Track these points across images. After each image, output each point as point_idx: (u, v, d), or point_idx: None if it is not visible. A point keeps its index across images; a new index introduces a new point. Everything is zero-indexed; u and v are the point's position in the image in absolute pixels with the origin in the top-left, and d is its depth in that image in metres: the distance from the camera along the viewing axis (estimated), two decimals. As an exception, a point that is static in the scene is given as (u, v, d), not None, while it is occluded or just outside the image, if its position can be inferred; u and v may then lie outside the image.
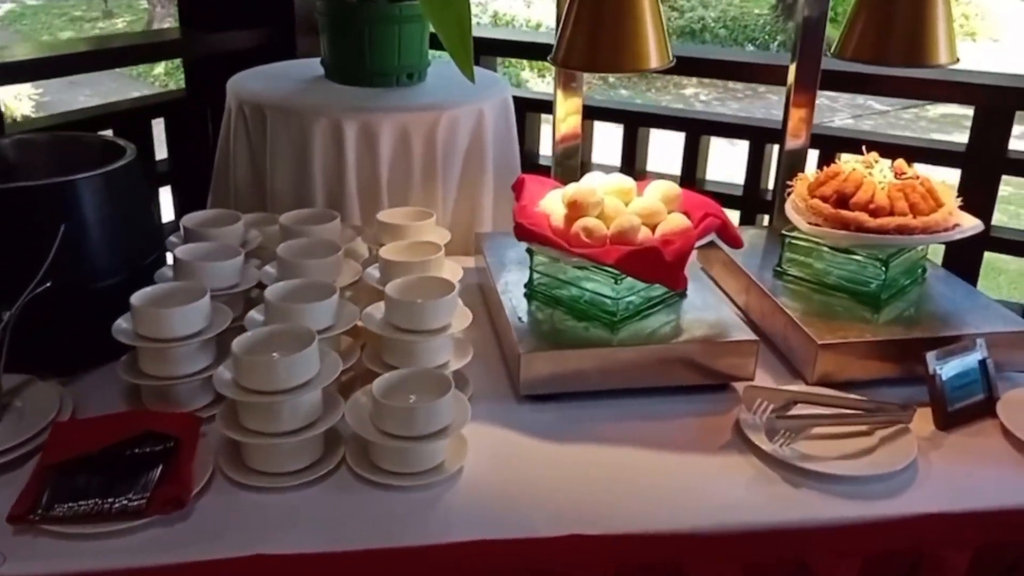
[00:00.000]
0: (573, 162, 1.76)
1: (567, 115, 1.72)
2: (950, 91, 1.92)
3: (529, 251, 1.43)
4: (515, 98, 2.07)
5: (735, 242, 1.45)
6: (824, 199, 1.48)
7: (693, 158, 2.21)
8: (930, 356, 1.29)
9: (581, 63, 1.36)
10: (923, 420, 1.28)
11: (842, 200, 1.46)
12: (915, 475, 1.16)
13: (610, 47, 1.32)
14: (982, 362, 1.33)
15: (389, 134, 1.75)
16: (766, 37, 17.64)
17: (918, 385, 1.31)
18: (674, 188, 1.45)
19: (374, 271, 1.41)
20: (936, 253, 1.97)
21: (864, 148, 1.58)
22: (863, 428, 1.24)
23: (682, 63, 1.34)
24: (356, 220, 1.76)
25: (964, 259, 1.93)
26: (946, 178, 1.90)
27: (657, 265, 1.28)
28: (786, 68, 1.71)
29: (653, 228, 1.39)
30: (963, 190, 1.91)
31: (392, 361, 1.23)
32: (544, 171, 2.38)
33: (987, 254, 1.98)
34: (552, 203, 1.45)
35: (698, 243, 1.35)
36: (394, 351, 1.23)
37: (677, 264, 1.29)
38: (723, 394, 1.35)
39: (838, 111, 13.28)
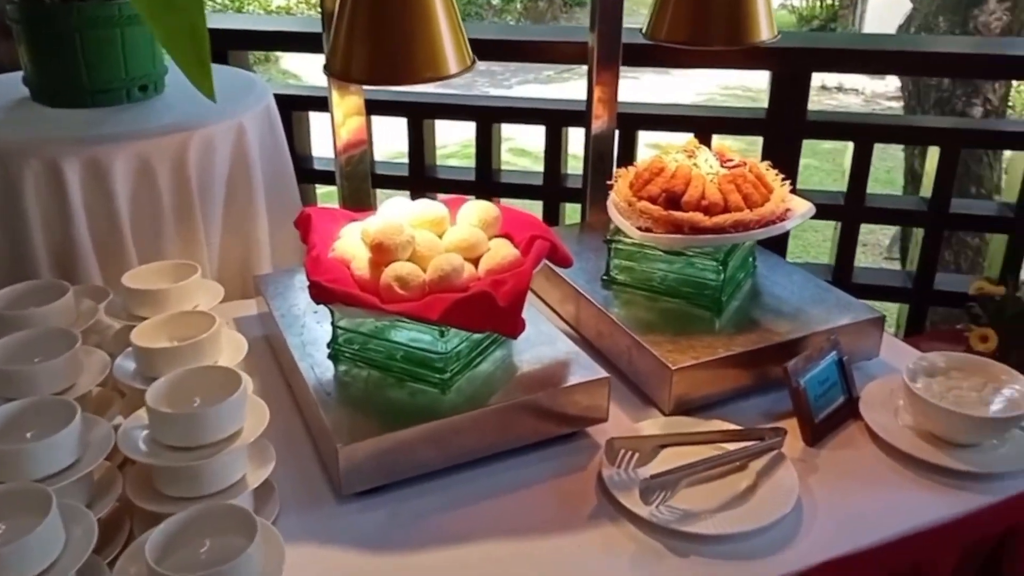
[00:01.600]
0: (362, 169, 1.50)
1: (347, 117, 1.46)
2: (747, 58, 1.84)
3: (328, 304, 1.17)
4: (275, 98, 1.76)
5: (566, 262, 1.26)
6: (652, 199, 1.32)
7: (487, 148, 2.01)
8: (791, 367, 1.17)
9: (365, 75, 1.10)
10: (793, 436, 1.17)
11: (672, 199, 1.31)
12: (800, 519, 1.04)
13: (399, 54, 1.07)
14: (839, 361, 1.24)
15: (125, 168, 1.40)
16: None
17: (776, 390, 1.22)
18: (492, 210, 1.24)
19: (127, 362, 1.10)
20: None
21: (687, 142, 1.44)
22: (737, 463, 1.11)
23: (476, 47, 1.13)
24: (97, 280, 1.40)
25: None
26: (750, 146, 1.82)
27: (491, 313, 1.07)
28: (586, 45, 1.54)
29: (476, 261, 1.17)
30: (767, 156, 1.84)
31: (169, 490, 0.94)
32: (323, 178, 2.09)
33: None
34: (350, 244, 1.19)
35: (532, 274, 1.15)
36: (169, 479, 0.94)
37: (513, 309, 1.08)
38: (577, 442, 1.18)
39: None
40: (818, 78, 13.84)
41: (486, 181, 2.01)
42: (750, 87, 13.26)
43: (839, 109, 11.92)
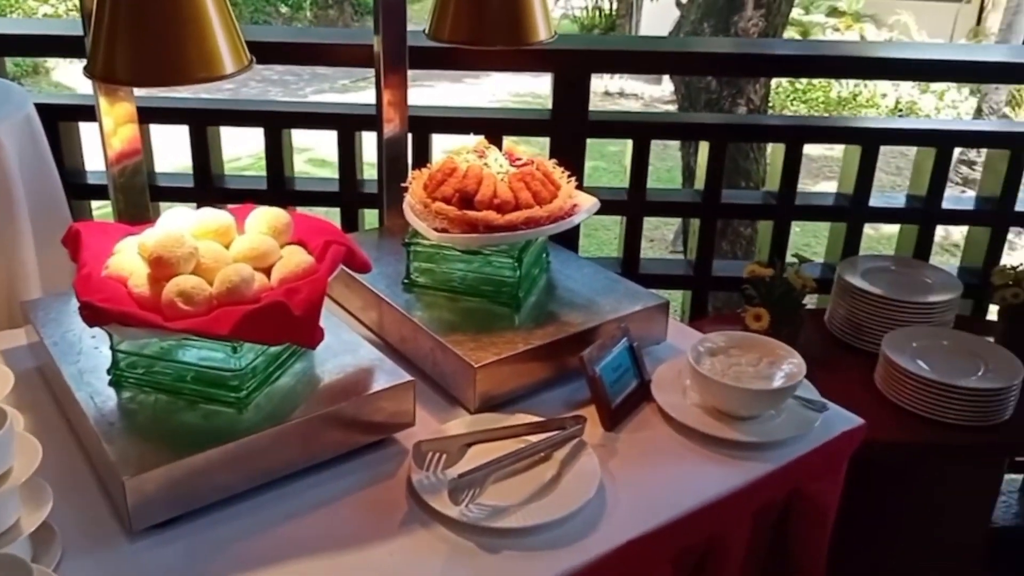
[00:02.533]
0: (139, 181, 1.41)
1: (118, 126, 1.36)
2: (530, 61, 1.89)
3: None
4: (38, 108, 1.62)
5: (364, 267, 1.24)
6: (446, 200, 1.33)
7: (278, 155, 1.94)
8: (587, 356, 1.22)
9: (130, 76, 1.03)
10: (593, 423, 1.21)
11: (465, 199, 1.33)
12: (604, 502, 1.08)
13: (168, 53, 1.01)
14: (630, 347, 1.30)
15: None
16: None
17: (575, 380, 1.26)
18: (282, 216, 1.19)
19: None
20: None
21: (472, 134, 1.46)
22: (541, 454, 1.14)
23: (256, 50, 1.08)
24: None
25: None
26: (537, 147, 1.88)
27: (286, 323, 1.03)
28: (371, 48, 1.53)
29: (267, 270, 1.13)
30: (554, 156, 1.90)
31: (-73, 547, 0.84)
32: (100, 193, 1.95)
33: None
34: (127, 260, 1.11)
35: (328, 280, 1.13)
36: (-73, 534, 0.84)
37: (310, 318, 1.05)
38: (386, 449, 1.16)
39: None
40: (600, 84, 14.56)
41: (279, 189, 1.95)
42: (539, 94, 13.71)
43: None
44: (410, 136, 1.65)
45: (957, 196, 2.18)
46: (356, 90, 12.29)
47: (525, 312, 1.36)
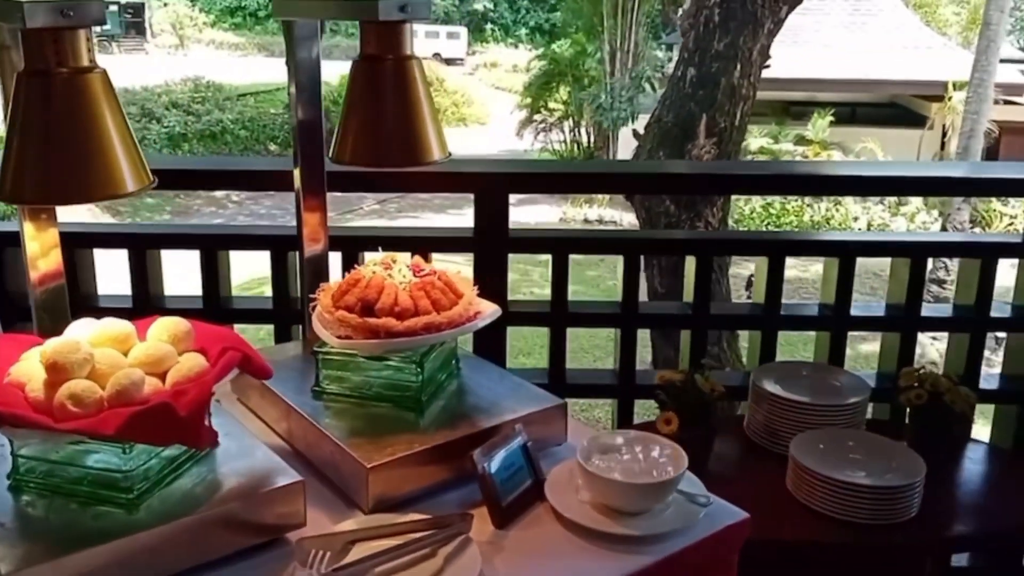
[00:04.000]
0: (62, 305, 1.47)
1: (44, 252, 1.44)
2: (452, 182, 2.01)
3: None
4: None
5: (262, 373, 1.30)
6: (349, 309, 1.40)
7: (213, 277, 2.03)
8: (476, 454, 1.26)
9: (32, 195, 1.12)
10: (484, 521, 1.25)
11: (367, 307, 1.40)
12: (484, 590, 1.11)
13: (70, 173, 1.10)
14: (524, 447, 1.34)
15: None
16: (287, 135, 18.15)
17: (474, 481, 1.29)
18: (182, 324, 1.26)
19: None
20: (467, 341, 2.04)
21: (380, 248, 1.55)
22: (426, 551, 1.16)
23: (175, 177, 1.18)
24: None
25: (490, 340, 2.02)
26: (462, 263, 1.97)
27: (171, 424, 1.08)
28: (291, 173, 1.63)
29: (163, 376, 1.18)
30: (478, 271, 1.99)
31: None
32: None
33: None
34: (28, 367, 1.17)
35: (217, 385, 1.18)
36: None
37: (194, 418, 1.10)
38: (278, 550, 1.18)
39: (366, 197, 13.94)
40: (580, 213, 14.94)
41: (214, 307, 2.02)
42: (521, 222, 14.14)
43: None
44: (340, 255, 1.74)
45: (934, 306, 2.29)
46: (343, 221, 12.61)
47: (429, 416, 1.41)
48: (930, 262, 2.08)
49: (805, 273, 11.12)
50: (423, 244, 1.98)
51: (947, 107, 15.71)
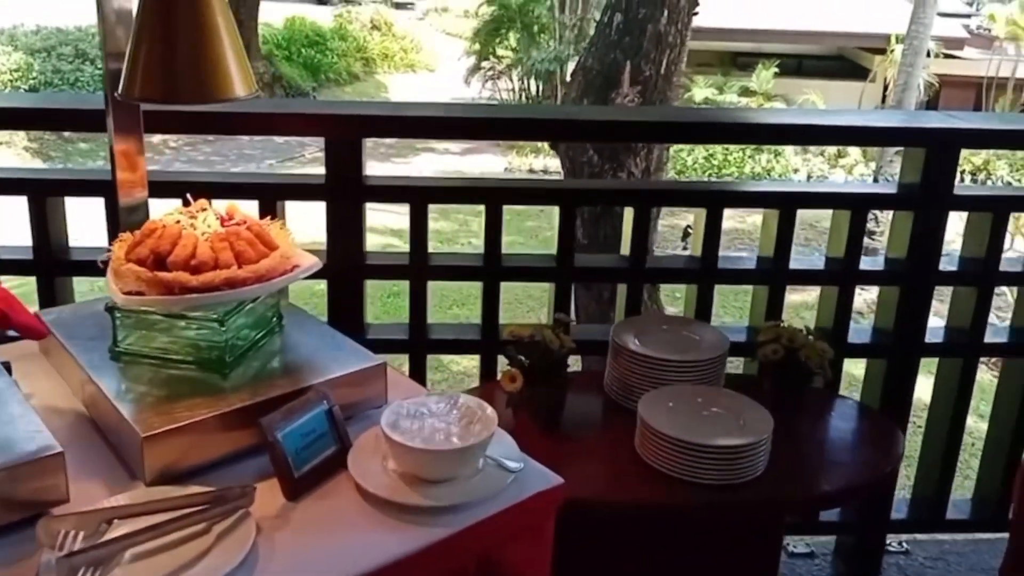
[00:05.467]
0: None
1: None
2: (301, 124, 1.88)
3: None
4: None
5: (33, 332, 1.18)
6: (141, 262, 1.28)
7: (43, 227, 1.87)
8: (266, 422, 1.16)
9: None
10: (276, 493, 1.15)
11: (160, 260, 1.28)
12: (255, 566, 1.02)
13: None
14: (328, 412, 1.25)
15: None
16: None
17: (274, 451, 1.20)
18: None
19: None
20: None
21: (191, 196, 1.42)
22: (200, 528, 1.07)
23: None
24: None
25: (344, 295, 1.92)
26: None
27: None
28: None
29: None
30: (332, 221, 1.88)
31: None
32: None
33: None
34: None
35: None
36: None
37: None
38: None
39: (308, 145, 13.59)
40: (527, 163, 14.81)
41: (44, 259, 1.88)
42: (466, 172, 13.92)
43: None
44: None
45: (872, 259, 2.20)
46: (283, 169, 12.29)
47: (234, 379, 1.31)
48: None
49: (743, 224, 11.16)
50: (268, 192, 1.86)
51: (889, 60, 15.77)
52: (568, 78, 8.21)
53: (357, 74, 20.56)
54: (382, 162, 14.01)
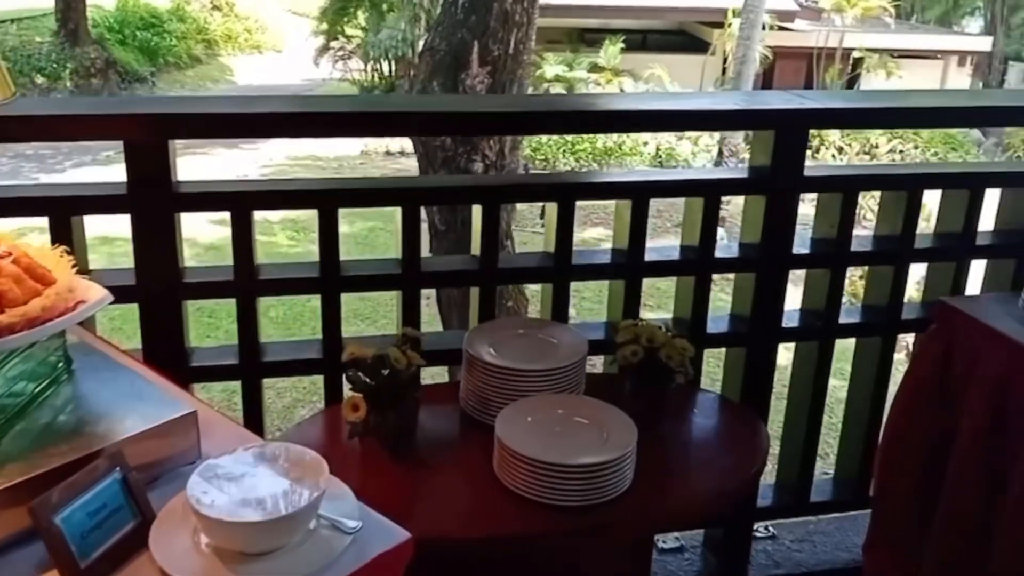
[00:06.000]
0: None
1: None
2: (94, 127, 1.63)
3: None
4: None
5: None
6: None
7: None
8: (39, 505, 0.95)
9: None
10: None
11: None
12: None
13: None
14: (123, 480, 1.04)
15: None
16: (55, 66, 16.25)
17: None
18: None
19: None
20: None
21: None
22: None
23: None
24: None
25: (160, 320, 1.69)
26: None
27: None
28: None
29: None
30: (137, 239, 1.64)
31: None
32: None
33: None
34: None
35: None
36: None
37: None
38: None
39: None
40: (382, 143, 14.42)
41: None
42: (319, 156, 13.38)
43: (399, 173, 12.40)
44: None
45: (727, 245, 2.10)
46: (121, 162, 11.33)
47: (6, 448, 1.08)
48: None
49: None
50: (58, 207, 1.60)
51: (727, 34, 16.31)
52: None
53: (199, 57, 19.55)
54: (229, 148, 13.29)
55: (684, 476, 1.61)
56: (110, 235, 6.87)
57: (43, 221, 1.58)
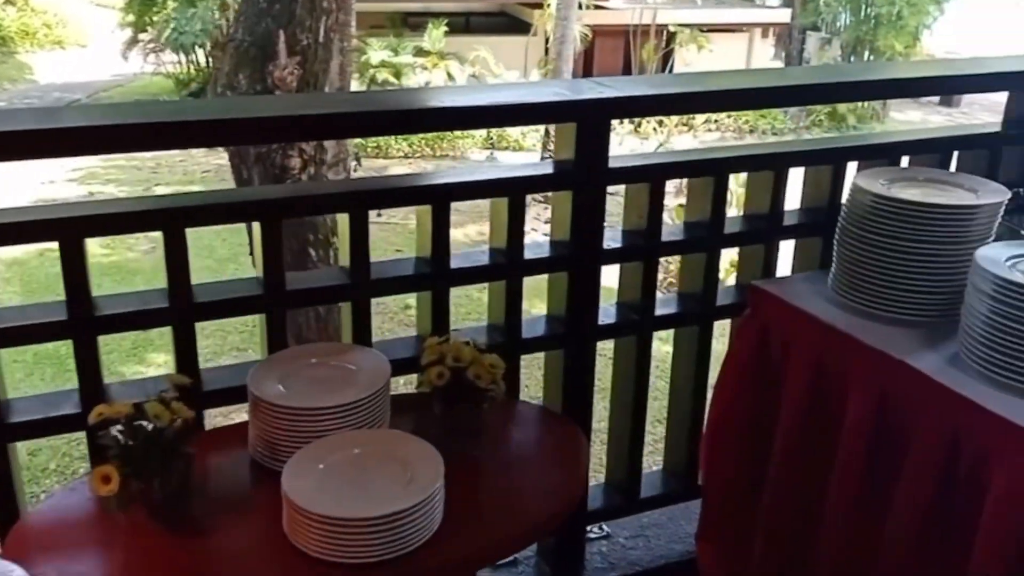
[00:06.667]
0: None
1: None
2: None
3: None
4: None
5: None
6: None
7: None
8: None
9: None
10: None
11: None
12: None
13: None
14: None
15: None
16: None
17: None
18: None
19: None
20: None
21: None
22: None
23: None
24: None
25: None
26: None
27: None
28: None
29: None
30: None
31: None
32: None
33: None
34: None
35: None
36: None
37: None
38: None
39: None
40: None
41: None
42: (136, 155, 12.47)
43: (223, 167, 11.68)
44: None
45: (537, 245, 1.94)
46: None
47: None
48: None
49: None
50: None
51: (547, 14, 16.43)
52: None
53: (-8, 56, 17.86)
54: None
55: (503, 506, 1.48)
56: None
57: None
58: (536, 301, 2.15)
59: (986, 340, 1.52)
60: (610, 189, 1.91)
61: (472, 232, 8.81)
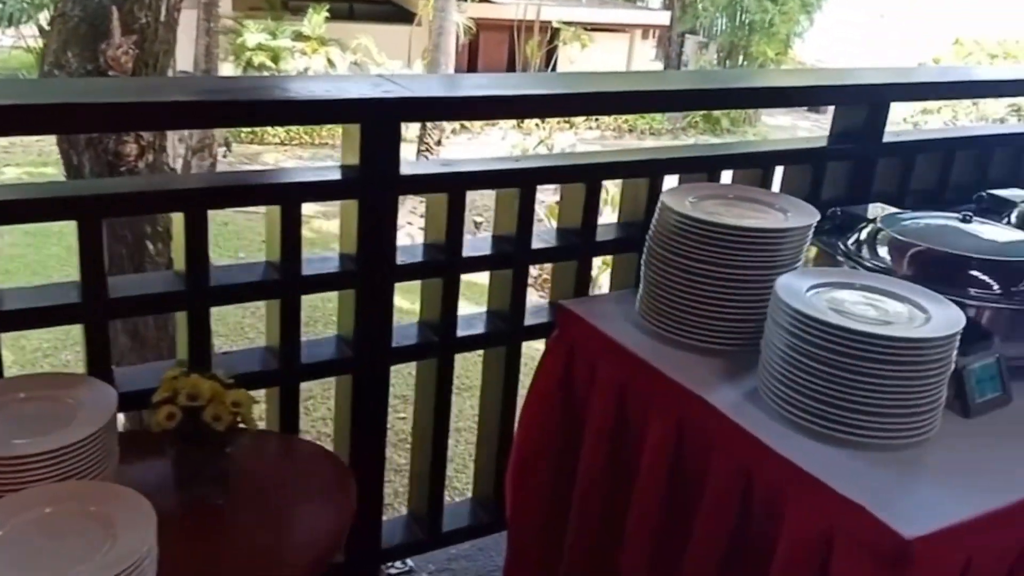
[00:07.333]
0: None
1: None
2: None
3: None
4: None
5: None
6: None
7: None
8: None
9: None
10: None
11: None
12: None
13: None
14: None
15: None
16: None
17: None
18: None
19: None
20: None
21: None
22: None
23: None
24: None
25: None
26: None
27: None
28: None
29: None
30: None
31: None
32: None
33: None
34: None
35: None
36: None
37: None
38: None
39: None
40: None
41: None
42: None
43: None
44: None
45: (321, 259, 1.77)
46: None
47: None
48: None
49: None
50: None
51: (431, 5, 16.20)
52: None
53: None
54: None
55: (249, 565, 1.29)
56: None
57: None
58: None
59: (782, 377, 1.43)
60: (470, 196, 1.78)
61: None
